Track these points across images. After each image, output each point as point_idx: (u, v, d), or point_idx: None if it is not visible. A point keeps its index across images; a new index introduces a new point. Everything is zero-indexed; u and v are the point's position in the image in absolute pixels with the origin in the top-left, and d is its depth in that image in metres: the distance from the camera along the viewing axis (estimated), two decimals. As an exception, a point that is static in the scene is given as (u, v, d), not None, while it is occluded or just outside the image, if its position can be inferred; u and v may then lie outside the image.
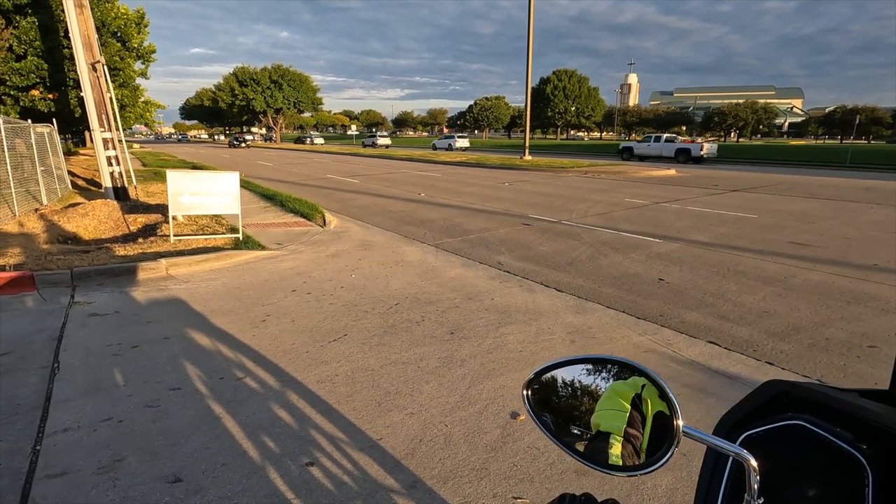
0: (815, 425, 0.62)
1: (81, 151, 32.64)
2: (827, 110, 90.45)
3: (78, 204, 9.04)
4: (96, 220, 7.91)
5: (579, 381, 0.77)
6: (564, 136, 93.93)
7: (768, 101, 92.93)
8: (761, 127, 79.50)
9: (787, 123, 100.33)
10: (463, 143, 45.30)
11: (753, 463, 0.60)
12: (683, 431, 0.64)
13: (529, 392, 0.82)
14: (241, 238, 7.18)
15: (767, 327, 4.21)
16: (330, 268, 6.04)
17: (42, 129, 11.27)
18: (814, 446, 0.61)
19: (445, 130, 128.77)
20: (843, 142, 70.93)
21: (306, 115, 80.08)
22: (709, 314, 4.52)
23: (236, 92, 63.05)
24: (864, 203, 11.63)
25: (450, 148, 44.18)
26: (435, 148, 45.52)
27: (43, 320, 4.29)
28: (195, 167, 20.27)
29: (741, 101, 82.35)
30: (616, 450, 0.69)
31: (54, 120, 13.80)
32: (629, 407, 0.70)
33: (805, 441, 0.62)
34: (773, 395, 0.70)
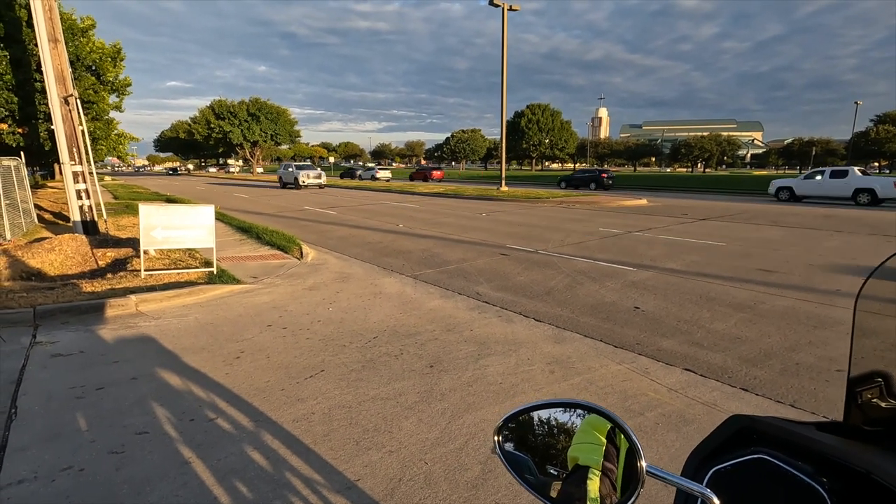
0: (777, 459, 0.64)
1: (49, 184, 31.82)
2: (785, 142, 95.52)
3: (44, 238, 8.75)
4: (63, 255, 7.65)
5: (555, 419, 0.78)
6: (540, 167, 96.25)
7: (731, 133, 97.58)
8: (725, 158, 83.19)
9: (749, 154, 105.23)
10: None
11: (716, 501, 0.61)
12: (648, 472, 0.65)
13: (500, 438, 0.81)
14: (215, 272, 7.04)
15: (740, 353, 4.30)
16: (307, 301, 5.95)
17: (8, 162, 10.98)
18: (776, 479, 0.63)
19: (423, 162, 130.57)
20: (802, 171, 74.61)
21: (284, 147, 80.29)
22: (684, 341, 4.60)
23: (213, 124, 62.95)
24: (824, 230, 12.16)
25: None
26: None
27: (1, 362, 4.07)
28: (169, 200, 19.95)
29: (705, 133, 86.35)
30: (594, 485, 0.68)
31: (22, 153, 13.47)
32: (605, 441, 0.70)
33: (768, 474, 0.64)
34: (737, 429, 0.72)
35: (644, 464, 0.65)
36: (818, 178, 21.30)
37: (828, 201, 21.22)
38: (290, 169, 33.27)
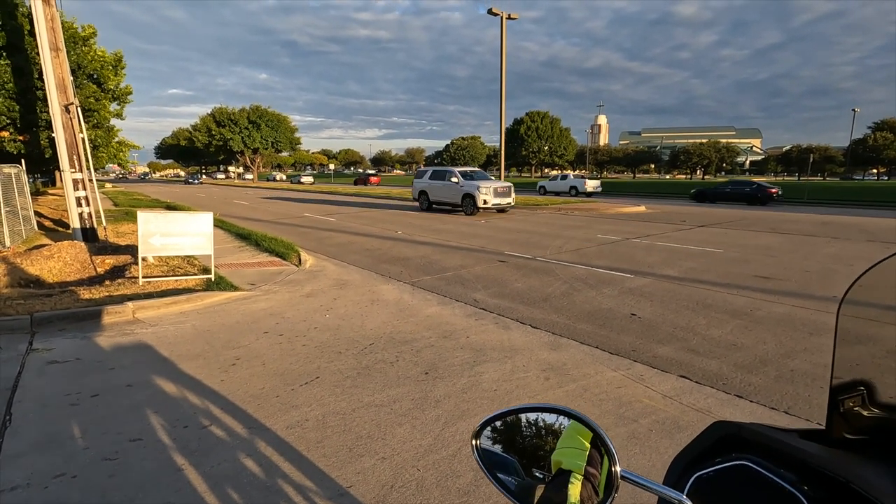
0: (759, 466, 0.64)
1: (50, 191, 31.92)
2: (784, 149, 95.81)
3: (43, 245, 8.77)
4: (62, 263, 7.67)
5: (543, 422, 0.77)
6: (539, 174, 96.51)
7: (729, 140, 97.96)
8: (724, 165, 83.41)
9: (748, 161, 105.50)
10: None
11: None
12: (622, 476, 0.66)
13: (479, 441, 0.80)
14: (213, 279, 7.06)
15: (736, 360, 4.30)
16: (304, 308, 5.96)
17: (9, 169, 11.04)
18: (759, 486, 0.63)
19: (424, 166, 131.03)
20: (801, 178, 74.80)
21: (284, 154, 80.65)
22: (679, 348, 4.61)
23: (213, 132, 63.28)
24: (822, 237, 12.19)
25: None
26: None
27: (-3, 369, 4.08)
28: (169, 207, 20.00)
29: (704, 140, 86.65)
30: (575, 489, 0.67)
31: (23, 160, 13.53)
32: (589, 446, 0.71)
33: (751, 481, 0.64)
34: (721, 436, 0.72)
35: (618, 469, 0.65)
36: (556, 179, 34.63)
37: (561, 193, 32.87)
38: (455, 179, 18.47)
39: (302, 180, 63.77)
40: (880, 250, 10.14)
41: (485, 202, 17.54)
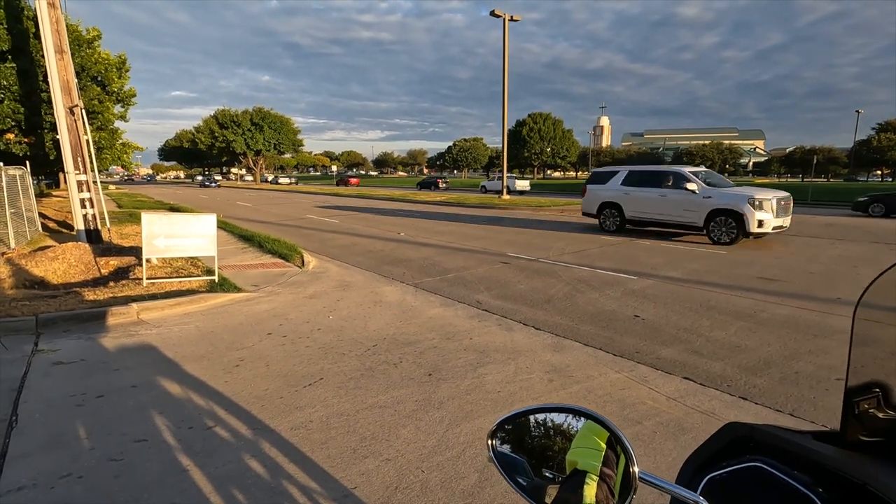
0: (773, 467, 0.64)
1: (55, 193, 32.08)
2: (787, 150, 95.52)
3: (48, 247, 8.81)
4: (66, 264, 7.70)
5: (553, 422, 0.77)
6: (541, 175, 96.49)
7: (732, 142, 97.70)
8: (727, 166, 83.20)
9: (751, 163, 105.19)
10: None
11: None
12: (641, 478, 0.65)
13: (494, 441, 0.80)
14: (216, 280, 7.08)
15: (740, 362, 4.29)
16: (307, 309, 5.97)
17: (14, 171, 11.10)
18: (772, 488, 0.63)
19: (426, 170, 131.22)
20: (804, 180, 74.55)
21: (287, 156, 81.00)
22: (683, 350, 4.60)
23: (216, 133, 63.44)
24: (825, 239, 12.14)
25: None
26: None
27: (3, 370, 4.10)
28: (173, 209, 20.07)
29: (707, 142, 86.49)
30: (591, 490, 0.66)
31: (27, 162, 13.61)
32: (604, 446, 0.70)
33: (764, 482, 0.64)
34: (733, 437, 0.72)
35: (636, 469, 0.65)
36: (494, 180, 39.33)
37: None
38: (692, 186, 11.36)
39: (280, 181, 68.02)
40: (885, 252, 10.10)
41: (760, 224, 10.45)
